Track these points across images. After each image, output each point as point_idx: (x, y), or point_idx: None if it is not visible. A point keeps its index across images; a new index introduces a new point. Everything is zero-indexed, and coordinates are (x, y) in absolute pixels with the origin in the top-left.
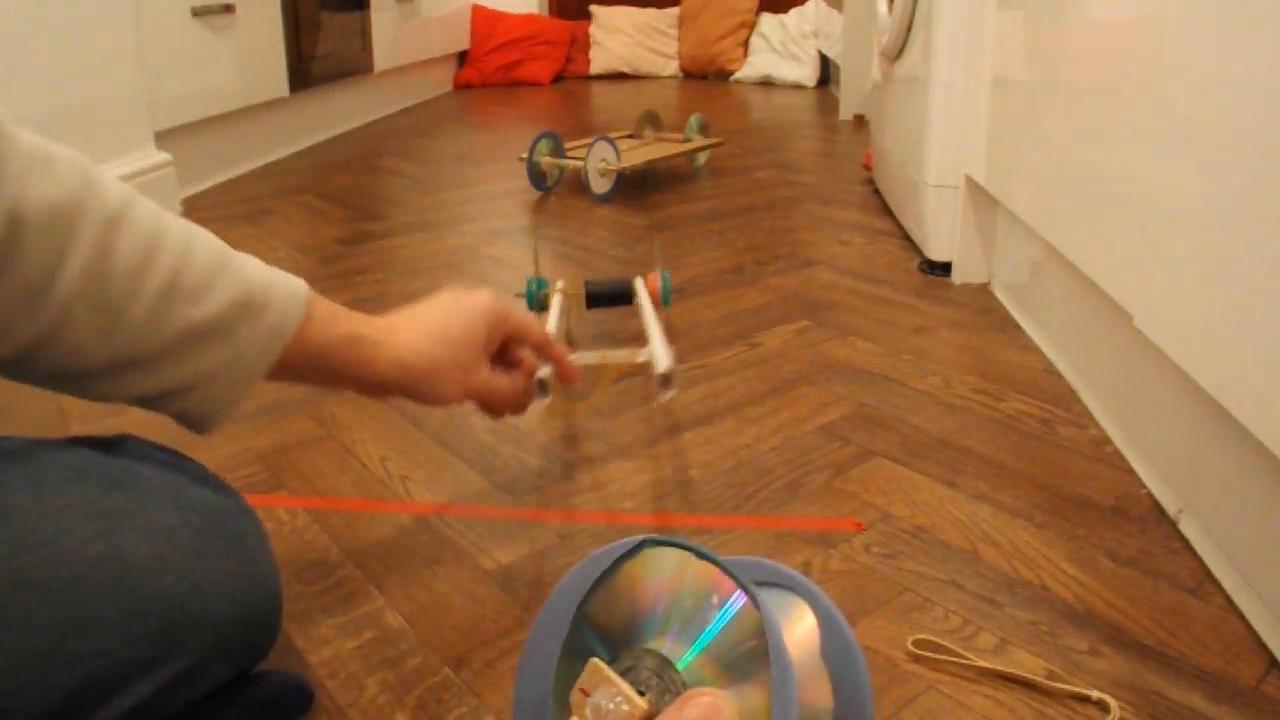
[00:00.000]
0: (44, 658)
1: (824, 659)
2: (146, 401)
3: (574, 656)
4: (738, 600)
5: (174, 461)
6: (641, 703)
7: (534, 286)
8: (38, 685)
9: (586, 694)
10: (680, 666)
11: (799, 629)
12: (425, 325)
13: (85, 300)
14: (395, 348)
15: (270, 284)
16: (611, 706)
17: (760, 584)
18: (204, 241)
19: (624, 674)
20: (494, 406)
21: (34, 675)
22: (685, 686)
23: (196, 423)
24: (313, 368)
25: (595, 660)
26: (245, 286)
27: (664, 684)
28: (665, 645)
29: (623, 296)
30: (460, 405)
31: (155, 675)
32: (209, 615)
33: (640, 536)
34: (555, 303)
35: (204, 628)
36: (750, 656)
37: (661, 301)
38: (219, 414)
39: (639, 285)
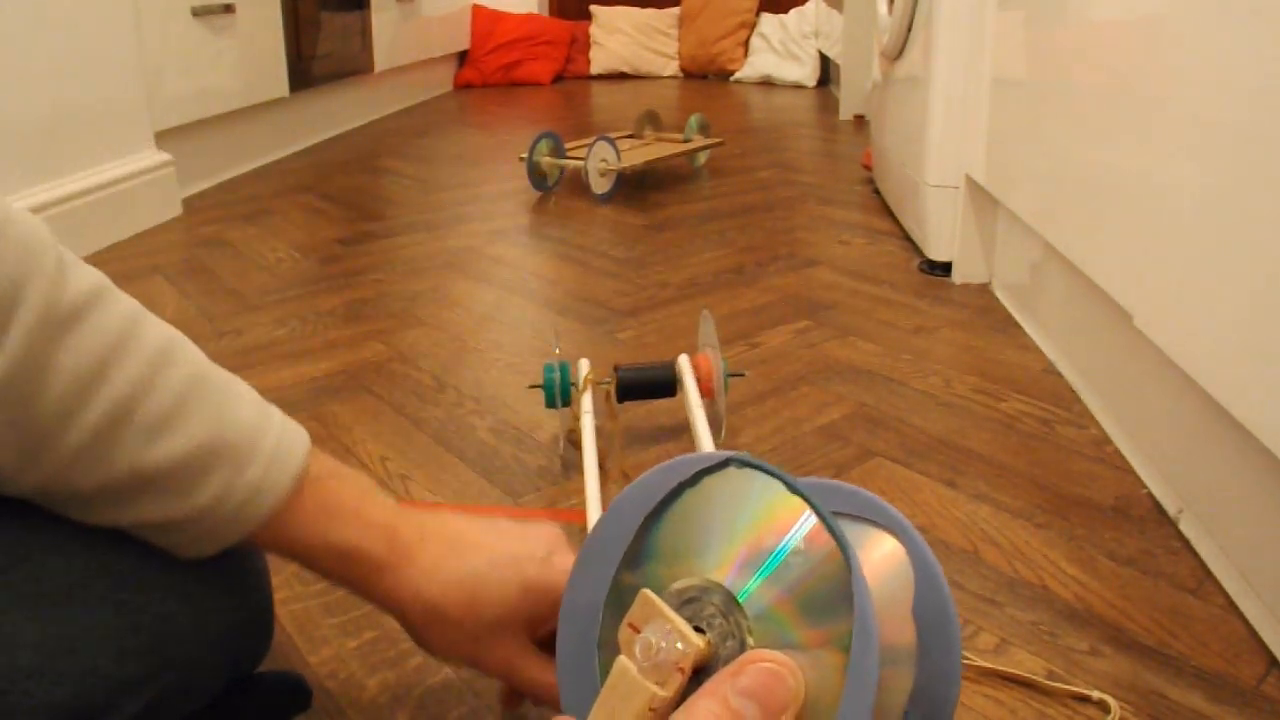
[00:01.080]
0: (30, 678)
1: (914, 614)
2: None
3: (633, 569)
4: (819, 539)
5: None
6: (698, 641)
7: (555, 375)
8: (22, 707)
9: (636, 630)
10: (741, 597)
11: (889, 576)
12: (453, 568)
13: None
14: (399, 583)
15: (260, 431)
16: (665, 645)
17: (854, 518)
18: (184, 356)
19: (682, 606)
20: (525, 695)
21: (19, 697)
22: (750, 634)
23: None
24: (298, 558)
25: (646, 592)
26: (220, 428)
27: (728, 626)
28: (730, 576)
29: (663, 387)
30: (460, 407)
31: (145, 692)
32: (201, 629)
33: (727, 453)
34: (585, 400)
35: (196, 641)
36: (829, 602)
37: (716, 392)
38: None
39: (684, 367)
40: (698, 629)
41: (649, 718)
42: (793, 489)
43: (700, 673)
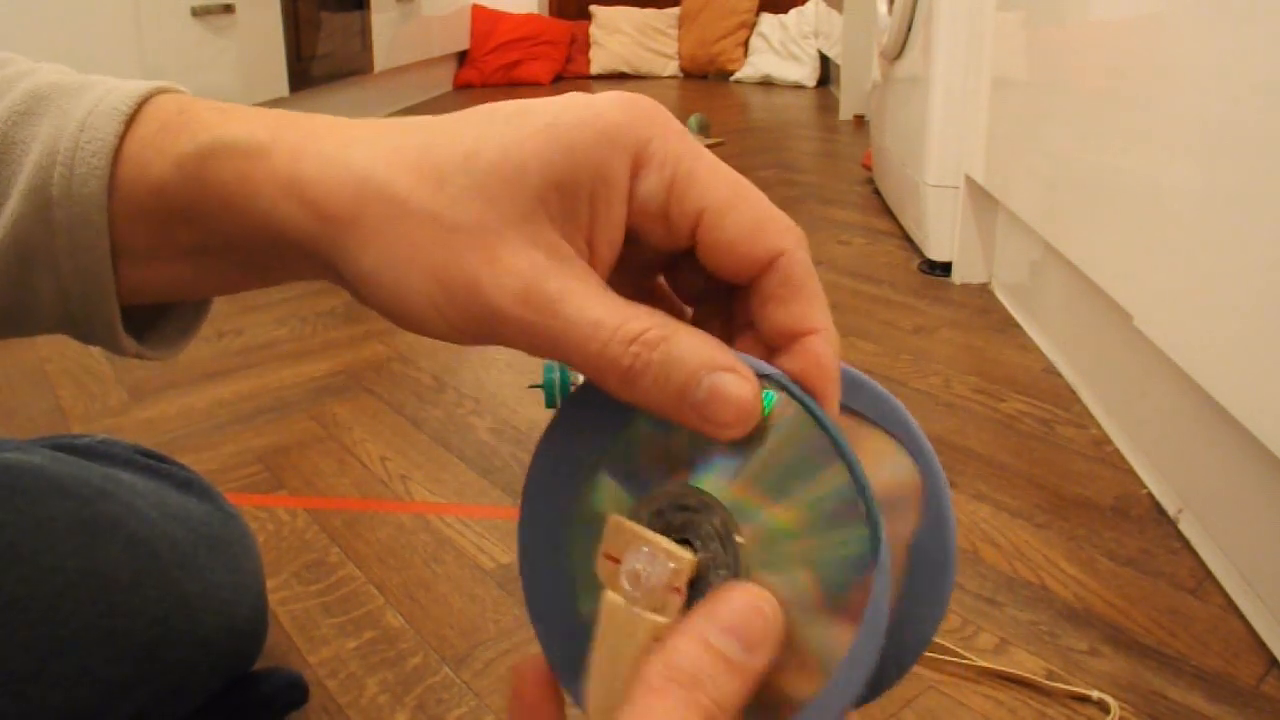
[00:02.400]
0: (23, 681)
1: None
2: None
3: (595, 479)
4: (786, 409)
5: (156, 465)
6: (685, 553)
7: (554, 374)
8: (16, 710)
9: (615, 560)
10: (700, 484)
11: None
12: (406, 135)
13: None
14: (296, 160)
15: (88, 80)
16: (653, 569)
17: (850, 412)
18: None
19: (653, 520)
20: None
21: (13, 699)
22: (734, 523)
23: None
24: (168, 218)
25: (615, 517)
26: (39, 82)
27: (699, 519)
28: (694, 473)
29: None
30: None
31: (139, 693)
32: (194, 629)
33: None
34: None
35: (189, 642)
36: (804, 464)
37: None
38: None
39: None
40: (683, 541)
41: (657, 649)
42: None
43: (696, 583)
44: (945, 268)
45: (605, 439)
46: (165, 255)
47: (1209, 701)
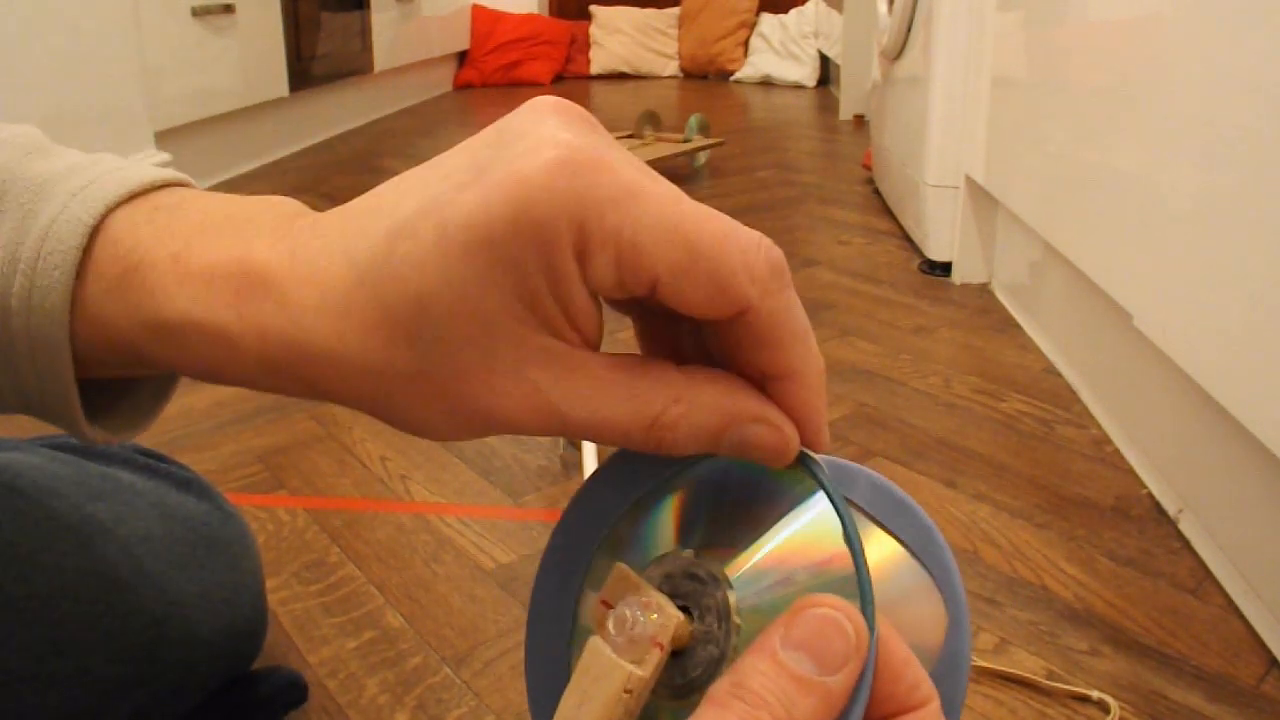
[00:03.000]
0: (21, 681)
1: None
2: None
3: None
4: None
5: (155, 465)
6: (675, 612)
7: None
8: (13, 710)
9: (610, 606)
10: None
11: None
12: (350, 275)
13: None
14: (264, 342)
15: (73, 171)
16: (640, 617)
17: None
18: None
19: (662, 582)
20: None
21: (10, 700)
22: (734, 605)
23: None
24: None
25: (621, 565)
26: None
27: (703, 591)
28: (709, 543)
29: None
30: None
31: (137, 693)
32: (193, 629)
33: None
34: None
35: (187, 642)
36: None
37: None
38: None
39: None
40: (684, 609)
41: (625, 700)
42: (840, 514)
43: (680, 654)
44: (945, 268)
45: (633, 497)
46: (128, 363)
47: (1209, 701)
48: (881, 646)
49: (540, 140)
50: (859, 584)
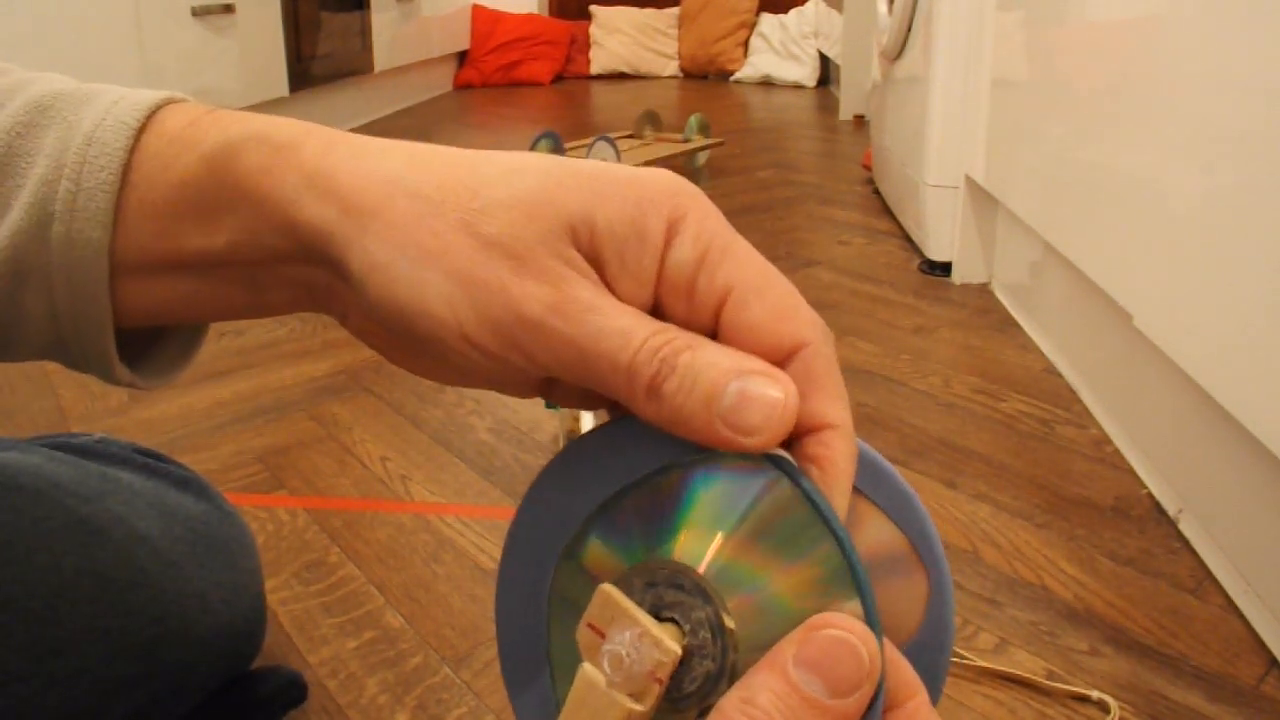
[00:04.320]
0: (19, 681)
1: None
2: None
3: (575, 559)
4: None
5: (154, 464)
6: (674, 644)
7: None
8: (11, 711)
9: (599, 632)
10: (694, 548)
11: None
12: (443, 151)
13: None
14: (326, 155)
15: (91, 89)
16: (637, 654)
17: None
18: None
19: (645, 591)
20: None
21: (8, 700)
22: (727, 613)
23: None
24: (177, 224)
25: (606, 587)
26: (46, 91)
27: (691, 603)
28: (686, 547)
29: None
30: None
31: (136, 692)
32: (192, 629)
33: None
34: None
35: (186, 642)
36: (797, 529)
37: None
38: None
39: None
40: (670, 619)
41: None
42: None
43: (678, 668)
44: (945, 268)
45: (601, 493)
46: (166, 268)
47: (1209, 701)
48: None
49: (665, 170)
50: (864, 609)
